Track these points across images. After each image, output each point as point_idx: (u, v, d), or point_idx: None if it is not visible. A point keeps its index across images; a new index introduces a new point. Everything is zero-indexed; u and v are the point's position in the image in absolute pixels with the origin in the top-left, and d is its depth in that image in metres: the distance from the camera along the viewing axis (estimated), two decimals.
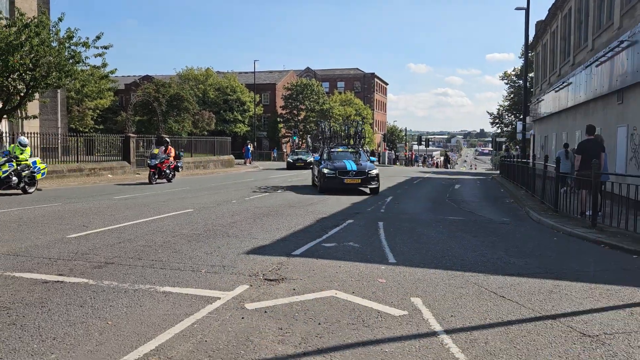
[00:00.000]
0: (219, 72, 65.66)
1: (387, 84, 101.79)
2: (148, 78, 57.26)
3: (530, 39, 32.06)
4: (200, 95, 57.24)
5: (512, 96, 57.31)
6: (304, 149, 44.47)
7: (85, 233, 8.92)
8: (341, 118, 58.35)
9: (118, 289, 5.61)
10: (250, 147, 44.06)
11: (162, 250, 7.69)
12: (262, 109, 69.01)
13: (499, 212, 14.15)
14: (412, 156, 74.94)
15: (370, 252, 7.95)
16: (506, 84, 58.82)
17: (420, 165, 68.96)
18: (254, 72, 63.21)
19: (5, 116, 20.12)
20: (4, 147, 15.93)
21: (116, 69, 23.10)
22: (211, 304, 5.17)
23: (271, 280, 6.12)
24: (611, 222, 10.25)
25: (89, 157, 23.98)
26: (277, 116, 69.06)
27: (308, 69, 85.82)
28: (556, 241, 9.52)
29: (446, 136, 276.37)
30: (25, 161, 15.38)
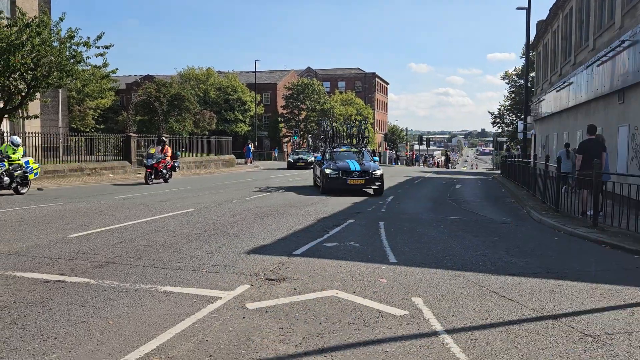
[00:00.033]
0: (220, 71, 65.67)
1: (388, 84, 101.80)
2: (149, 78, 57.31)
3: (532, 38, 32.03)
4: (201, 94, 57.28)
5: (513, 96, 57.33)
6: (304, 149, 44.50)
7: (86, 233, 8.93)
8: (342, 118, 58.32)
9: (119, 289, 5.61)
10: (251, 147, 44.09)
11: (163, 249, 7.70)
12: (263, 108, 69.06)
13: (500, 211, 14.14)
14: (413, 156, 75.01)
15: (371, 251, 7.95)
16: (507, 83, 58.90)
17: (421, 165, 69.01)
18: (255, 72, 63.27)
19: (6, 116, 20.14)
20: None
21: (117, 69, 23.27)
22: (212, 303, 5.18)
23: (272, 280, 6.12)
24: (612, 222, 10.24)
25: (90, 156, 23.99)
26: (278, 116, 69.06)
27: (309, 68, 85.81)
28: (557, 241, 9.52)
29: (447, 136, 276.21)
30: (17, 161, 14.98)
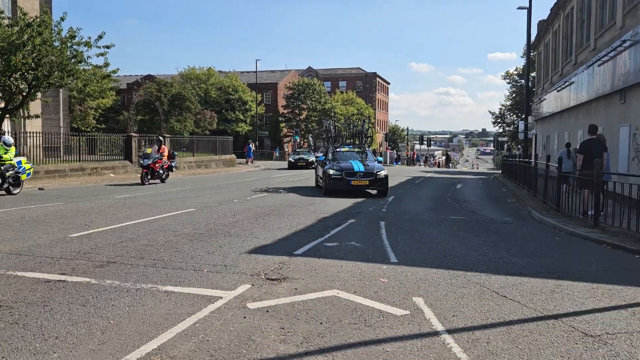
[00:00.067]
0: (220, 71, 65.68)
1: (388, 84, 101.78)
2: (150, 77, 57.34)
3: (532, 38, 32.01)
4: (202, 94, 57.29)
5: (514, 96, 57.28)
6: (305, 149, 44.50)
7: (87, 232, 8.94)
8: (343, 117, 58.37)
9: (120, 288, 5.62)
10: (252, 147, 44.11)
11: (164, 249, 7.70)
12: (264, 108, 69.08)
13: (501, 211, 14.14)
14: (414, 156, 74.96)
15: (372, 251, 7.95)
16: (508, 83, 58.85)
17: (422, 165, 69.00)
18: (256, 72, 63.26)
19: (7, 115, 20.15)
20: None
21: (118, 69, 23.39)
22: (213, 303, 5.18)
23: (273, 280, 6.12)
24: (613, 221, 10.23)
25: (91, 156, 24.00)
26: (279, 116, 69.06)
27: (310, 68, 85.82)
28: (558, 241, 9.51)
29: (448, 136, 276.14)
30: (9, 161, 14.74)
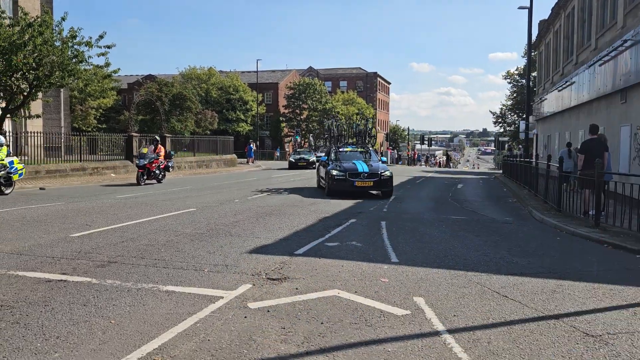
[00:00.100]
0: (221, 71, 65.69)
1: (389, 83, 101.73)
2: (151, 77, 57.38)
3: (534, 38, 32.00)
4: (203, 94, 57.32)
5: (515, 95, 57.27)
6: (306, 149, 44.49)
7: (88, 232, 8.94)
8: (344, 117, 58.39)
9: (121, 288, 5.62)
10: (253, 147, 44.13)
11: (165, 249, 7.71)
12: (265, 108, 69.06)
13: (502, 211, 14.13)
14: (415, 156, 74.93)
15: (373, 251, 7.95)
16: (509, 83, 58.83)
17: (422, 165, 68.98)
18: (257, 72, 63.26)
19: (8, 115, 20.18)
20: None
21: (119, 69, 23.40)
22: (214, 303, 5.18)
23: (274, 280, 6.12)
24: (614, 221, 10.22)
25: (92, 156, 24.00)
26: (280, 115, 69.07)
27: (310, 68, 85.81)
28: (559, 241, 9.51)
29: (449, 135, 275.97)
30: (1, 161, 14.64)
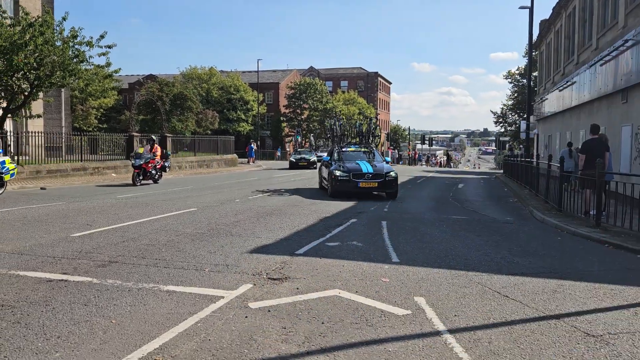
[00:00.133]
0: (222, 71, 65.71)
1: (390, 83, 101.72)
2: (152, 77, 57.40)
3: (534, 37, 31.98)
4: (204, 94, 57.36)
5: (516, 95, 57.20)
6: (307, 148, 44.49)
7: (89, 232, 8.95)
8: (345, 117, 58.41)
9: (122, 288, 5.62)
10: (254, 146, 44.12)
11: (165, 249, 7.71)
12: (266, 108, 69.09)
13: (503, 211, 14.12)
14: (416, 155, 74.91)
15: (374, 251, 7.95)
16: (510, 83, 58.74)
17: (423, 165, 68.98)
18: (258, 71, 63.29)
19: (9, 115, 20.19)
20: None
21: (120, 69, 23.37)
22: (215, 303, 5.18)
23: (275, 280, 6.12)
24: (615, 221, 10.21)
25: (93, 156, 24.02)
26: (281, 115, 69.08)
27: (311, 68, 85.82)
28: (560, 241, 9.50)
29: (450, 135, 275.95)
30: None
